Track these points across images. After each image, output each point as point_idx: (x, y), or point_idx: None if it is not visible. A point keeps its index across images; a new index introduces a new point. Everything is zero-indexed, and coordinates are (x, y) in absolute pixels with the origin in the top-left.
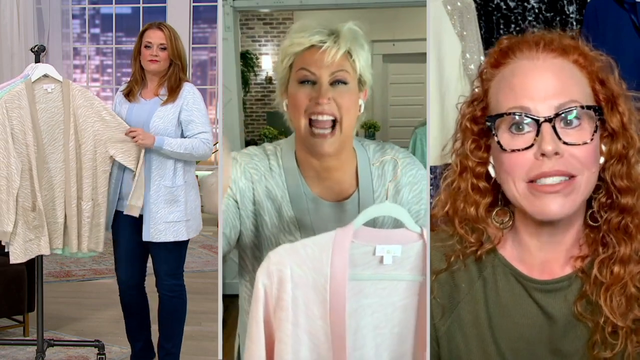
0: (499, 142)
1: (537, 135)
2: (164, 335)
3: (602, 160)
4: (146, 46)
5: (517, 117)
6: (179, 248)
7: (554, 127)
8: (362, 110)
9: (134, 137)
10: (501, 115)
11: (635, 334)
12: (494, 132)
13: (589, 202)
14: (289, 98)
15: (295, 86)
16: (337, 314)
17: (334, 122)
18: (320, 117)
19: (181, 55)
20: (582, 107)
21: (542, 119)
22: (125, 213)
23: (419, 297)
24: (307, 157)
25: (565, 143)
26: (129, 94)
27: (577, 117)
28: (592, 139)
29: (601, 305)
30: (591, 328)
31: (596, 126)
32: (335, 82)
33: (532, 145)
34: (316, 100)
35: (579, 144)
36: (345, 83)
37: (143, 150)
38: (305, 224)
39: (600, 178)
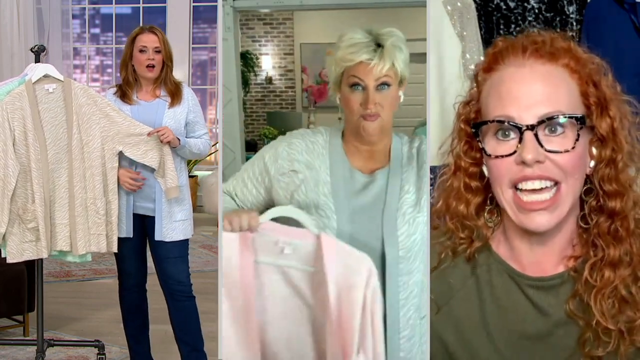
0: (483, 149)
1: (520, 142)
2: (189, 336)
3: (592, 163)
4: (141, 50)
5: (500, 125)
6: (188, 247)
7: (536, 135)
8: (401, 99)
9: (162, 135)
10: (485, 122)
11: (628, 334)
12: (479, 139)
13: (581, 204)
14: (341, 97)
15: (347, 89)
16: (246, 285)
17: (377, 115)
18: (369, 114)
19: (172, 57)
20: (565, 116)
21: (524, 127)
22: (167, 198)
23: (313, 285)
24: (352, 139)
25: (547, 150)
26: (124, 97)
27: (560, 125)
28: (574, 147)
29: (592, 307)
30: (583, 327)
31: (578, 135)
32: (380, 85)
33: (515, 152)
34: (365, 105)
35: (561, 152)
36: (388, 85)
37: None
38: (338, 189)
39: (592, 182)
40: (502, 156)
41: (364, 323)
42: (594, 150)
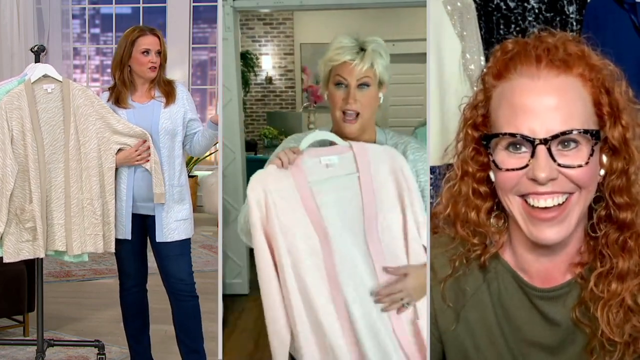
0: (494, 161)
1: (532, 156)
2: (190, 337)
3: (602, 172)
4: (144, 52)
5: (512, 139)
6: (189, 246)
7: (549, 149)
8: (381, 101)
9: (137, 156)
10: (497, 135)
11: (633, 344)
12: (489, 151)
13: (589, 212)
14: (328, 94)
15: (333, 87)
16: (309, 207)
17: (358, 113)
18: (349, 112)
19: (167, 58)
20: (580, 131)
21: (537, 141)
22: (155, 202)
23: (357, 183)
24: (337, 135)
25: (560, 165)
26: (118, 101)
27: (574, 141)
28: (587, 162)
29: (598, 318)
30: (589, 334)
31: (592, 149)
32: (360, 85)
33: (526, 165)
34: (347, 101)
35: (574, 167)
36: (367, 85)
37: (152, 144)
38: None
39: (601, 190)
40: (513, 169)
41: (411, 200)
42: (605, 159)
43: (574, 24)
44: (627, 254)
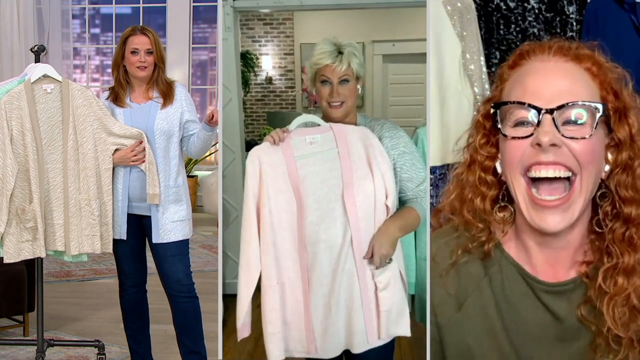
0: (499, 129)
1: (537, 125)
2: (189, 338)
3: (607, 168)
4: (133, 52)
5: (520, 110)
6: (187, 247)
7: (554, 120)
8: (360, 92)
9: (133, 156)
10: (505, 103)
11: (638, 342)
12: (497, 119)
13: (594, 208)
14: (316, 90)
15: (319, 84)
16: (293, 177)
17: (343, 102)
18: (334, 103)
19: (164, 58)
20: (584, 103)
21: (543, 110)
22: (148, 203)
23: (337, 157)
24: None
25: (564, 136)
26: (116, 100)
27: (579, 115)
28: (591, 135)
29: (604, 314)
30: (594, 332)
31: (596, 123)
32: (341, 81)
33: (532, 134)
34: (331, 95)
35: (578, 138)
36: (348, 81)
37: (147, 145)
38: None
39: (607, 186)
40: (519, 137)
41: (381, 170)
42: (610, 155)
43: (574, 24)
44: (633, 250)
